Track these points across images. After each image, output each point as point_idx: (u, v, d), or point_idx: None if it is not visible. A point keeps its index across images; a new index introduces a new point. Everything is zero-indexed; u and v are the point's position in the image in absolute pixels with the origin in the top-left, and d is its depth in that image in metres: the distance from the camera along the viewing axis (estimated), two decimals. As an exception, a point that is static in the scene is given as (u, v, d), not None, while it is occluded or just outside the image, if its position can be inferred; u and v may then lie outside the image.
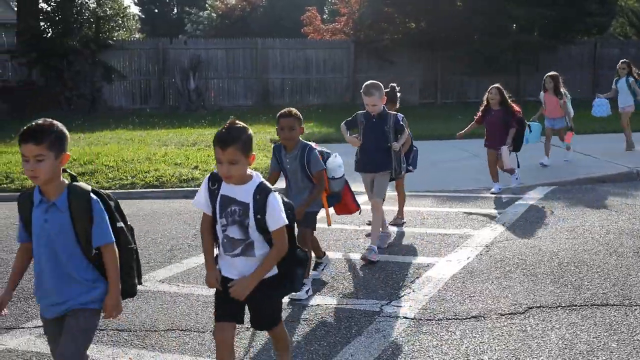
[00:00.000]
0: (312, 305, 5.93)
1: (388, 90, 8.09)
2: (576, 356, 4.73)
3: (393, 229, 8.55)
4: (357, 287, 6.42)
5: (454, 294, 6.10)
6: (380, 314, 5.67)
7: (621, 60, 14.85)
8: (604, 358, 4.69)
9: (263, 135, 17.56)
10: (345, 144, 8.15)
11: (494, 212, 9.61)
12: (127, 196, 11.29)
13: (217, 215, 3.91)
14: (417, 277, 6.61)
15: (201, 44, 28.44)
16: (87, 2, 28.01)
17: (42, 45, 25.01)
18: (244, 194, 3.85)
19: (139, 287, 4.04)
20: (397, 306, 5.84)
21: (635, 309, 5.56)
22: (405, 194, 8.99)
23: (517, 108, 10.73)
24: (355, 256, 7.45)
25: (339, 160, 6.29)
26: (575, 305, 5.70)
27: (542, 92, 13.36)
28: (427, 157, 9.81)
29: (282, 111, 5.99)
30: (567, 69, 29.60)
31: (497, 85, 11.03)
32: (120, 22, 28.59)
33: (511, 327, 5.28)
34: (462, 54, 27.45)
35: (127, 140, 16.93)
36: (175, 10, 59.34)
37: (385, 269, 6.93)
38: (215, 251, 4.05)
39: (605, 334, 5.08)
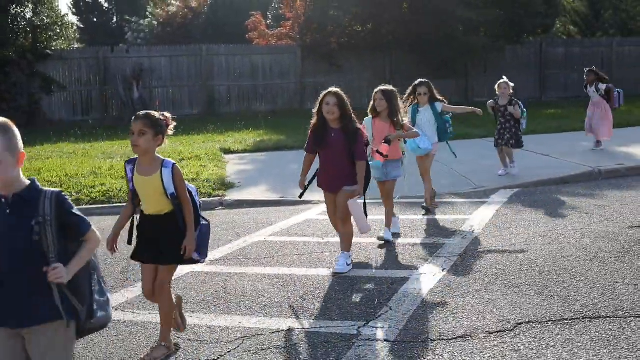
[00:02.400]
0: (283, 330, 5.42)
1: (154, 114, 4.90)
2: (579, 378, 4.33)
3: None
4: (329, 308, 5.92)
5: (435, 312, 5.66)
6: (359, 337, 5.19)
7: (417, 82, 9.63)
8: (609, 379, 4.30)
9: (212, 145, 16.96)
10: (298, 151, 7.38)
11: (460, 217, 9.24)
12: (72, 214, 10.68)
13: None
14: (394, 294, 6.15)
15: (144, 51, 27.58)
16: (22, 12, 26.91)
17: (-24, 57, 24.00)
18: None
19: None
20: (376, 327, 5.38)
21: (631, 321, 5.19)
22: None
23: (360, 124, 7.05)
24: (323, 272, 6.97)
25: None
26: (566, 319, 5.31)
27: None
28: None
29: None
30: (514, 70, 29.72)
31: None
32: (58, 31, 27.53)
33: (503, 347, 4.86)
34: (410, 58, 27.21)
35: (69, 154, 16.13)
36: (115, 19, 58.07)
37: (357, 286, 6.47)
38: None
39: (605, 351, 4.68)
